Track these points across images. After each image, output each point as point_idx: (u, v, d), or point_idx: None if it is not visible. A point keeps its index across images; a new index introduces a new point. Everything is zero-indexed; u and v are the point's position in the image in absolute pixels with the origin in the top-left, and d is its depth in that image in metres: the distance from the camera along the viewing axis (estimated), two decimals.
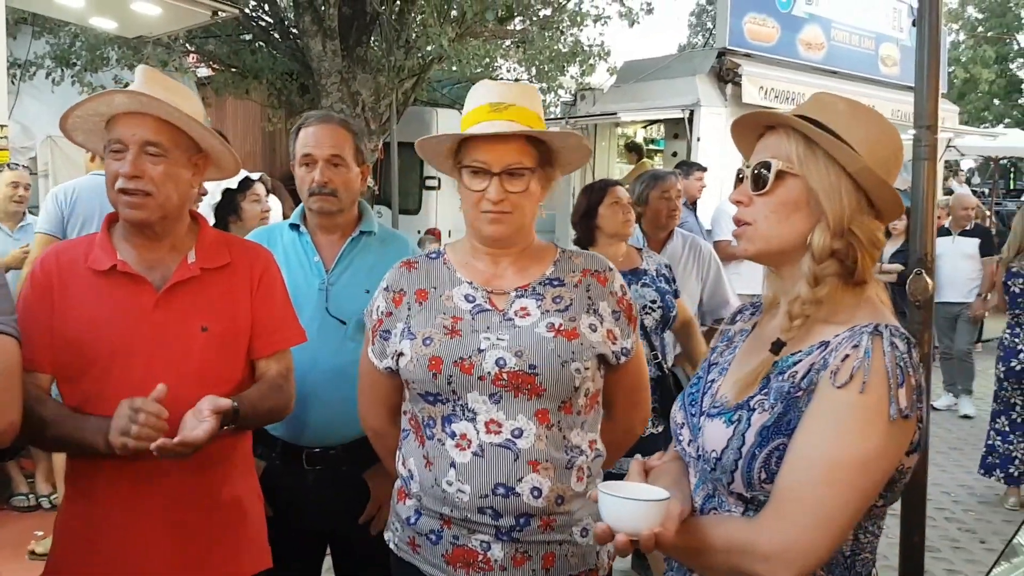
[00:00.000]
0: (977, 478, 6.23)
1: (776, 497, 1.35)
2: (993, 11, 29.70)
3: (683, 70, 10.73)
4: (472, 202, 1.88)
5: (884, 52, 12.61)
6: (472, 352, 1.82)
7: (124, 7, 6.02)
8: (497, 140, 1.85)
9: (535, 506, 1.80)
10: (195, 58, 11.64)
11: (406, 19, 10.26)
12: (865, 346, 1.33)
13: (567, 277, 1.96)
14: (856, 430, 1.31)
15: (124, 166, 1.91)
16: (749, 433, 1.38)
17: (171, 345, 1.95)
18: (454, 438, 1.83)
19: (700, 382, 1.60)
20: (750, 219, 1.47)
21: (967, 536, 5.27)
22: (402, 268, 2.00)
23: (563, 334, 1.85)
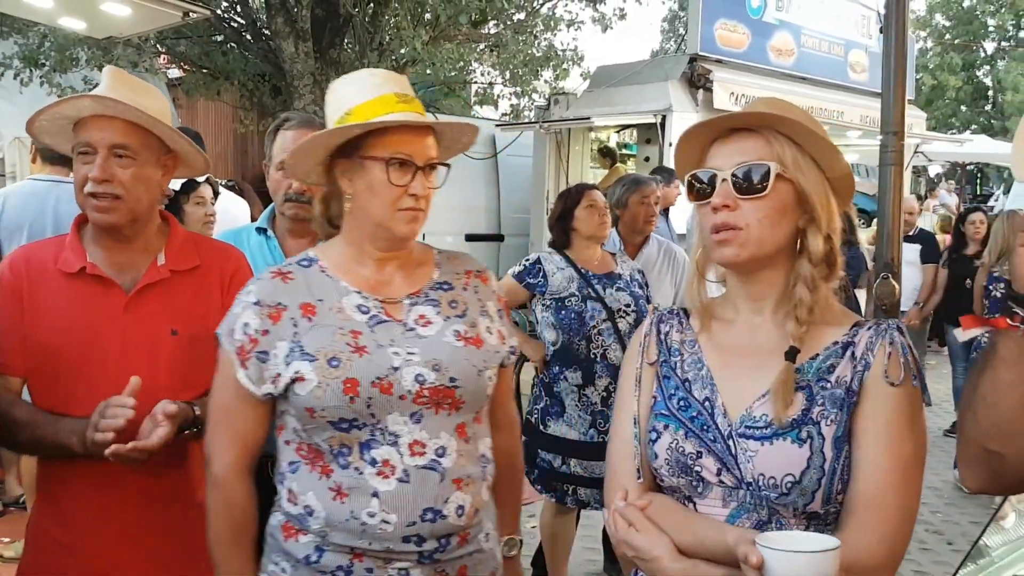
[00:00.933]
0: (945, 480, 6.31)
1: (859, 506, 1.35)
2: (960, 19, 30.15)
3: (655, 75, 10.79)
4: (390, 199, 1.71)
5: (853, 59, 12.76)
6: (388, 370, 1.69)
7: (93, 8, 5.95)
8: (419, 132, 1.75)
9: (459, 525, 1.73)
10: (166, 59, 11.55)
11: (379, 22, 10.24)
12: (900, 343, 1.40)
13: (454, 280, 1.87)
14: (913, 423, 1.38)
15: (93, 170, 1.89)
16: (826, 448, 1.36)
17: (141, 348, 1.94)
18: (375, 465, 1.68)
19: (691, 402, 1.47)
20: (740, 224, 1.41)
21: (934, 538, 5.34)
22: (274, 279, 1.77)
23: (471, 342, 1.79)
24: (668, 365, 1.54)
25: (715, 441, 1.43)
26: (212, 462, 1.75)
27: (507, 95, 12.16)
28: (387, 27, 10.21)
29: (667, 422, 1.48)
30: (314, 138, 1.77)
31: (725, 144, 1.46)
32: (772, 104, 1.48)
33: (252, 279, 1.83)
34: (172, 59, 11.60)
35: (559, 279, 3.80)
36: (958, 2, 30.17)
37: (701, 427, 1.45)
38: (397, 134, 1.72)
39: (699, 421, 1.45)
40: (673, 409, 1.48)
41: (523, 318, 5.50)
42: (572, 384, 3.74)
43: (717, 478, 1.42)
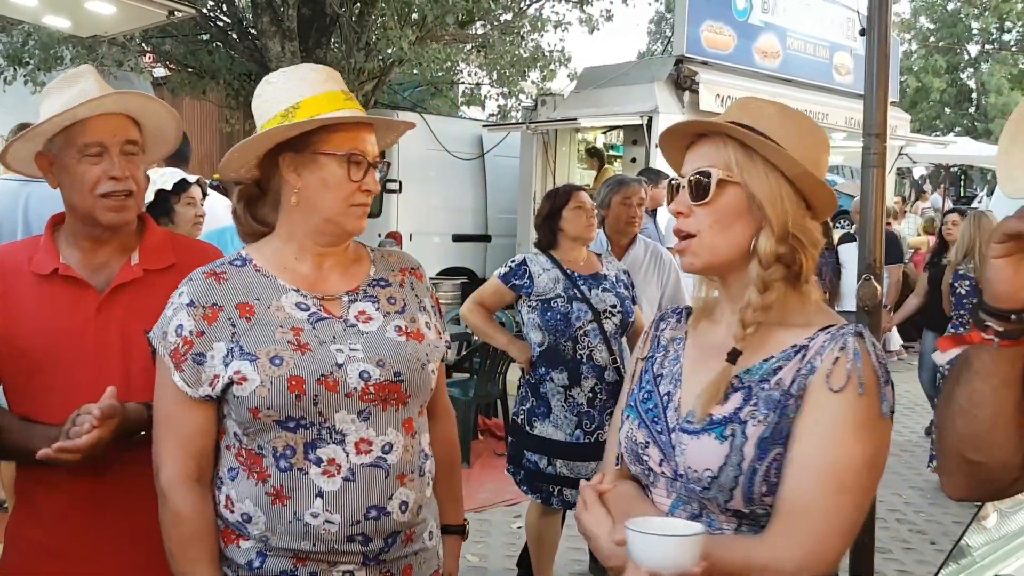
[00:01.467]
0: (928, 480, 6.35)
1: (785, 510, 1.33)
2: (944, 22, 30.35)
3: (642, 77, 10.82)
4: (345, 194, 1.71)
5: (838, 61, 12.83)
6: (332, 367, 1.66)
7: (78, 6, 5.91)
8: (368, 130, 1.76)
9: (402, 521, 1.72)
10: (151, 58, 11.50)
11: (366, 21, 10.23)
12: (853, 347, 1.35)
13: (390, 277, 1.86)
14: (859, 432, 1.33)
15: (113, 168, 1.87)
16: (748, 447, 1.35)
17: (113, 349, 1.91)
18: (320, 465, 1.65)
19: (653, 396, 1.52)
20: (693, 230, 1.44)
21: (918, 537, 5.37)
22: (207, 280, 1.73)
23: (412, 336, 1.78)
24: (651, 360, 1.58)
25: (661, 433, 1.46)
26: (159, 473, 1.70)
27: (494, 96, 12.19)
28: (374, 27, 10.20)
29: (629, 413, 1.54)
30: (272, 131, 1.72)
31: (692, 150, 1.49)
32: (743, 106, 1.48)
33: (184, 280, 1.78)
34: (157, 58, 11.57)
35: (545, 280, 3.81)
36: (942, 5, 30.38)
37: (652, 419, 1.49)
38: (351, 131, 1.72)
39: (652, 413, 1.49)
40: (637, 401, 1.53)
41: (509, 319, 5.49)
42: (558, 385, 3.74)
43: (660, 468, 1.46)
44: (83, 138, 1.89)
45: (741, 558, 1.32)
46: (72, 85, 1.93)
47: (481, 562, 4.67)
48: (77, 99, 1.88)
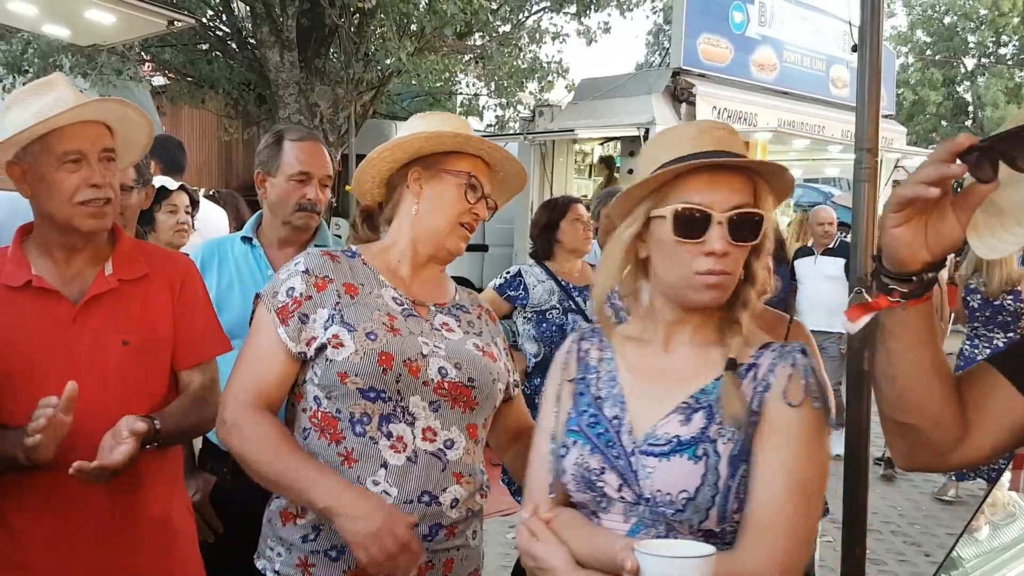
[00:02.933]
0: (923, 492, 6.36)
1: (753, 525, 1.35)
2: (941, 35, 30.45)
3: (639, 89, 10.86)
4: (456, 212, 1.90)
5: (835, 74, 12.89)
6: (417, 355, 1.81)
7: (78, 15, 5.93)
8: (488, 168, 1.97)
9: (450, 516, 1.81)
10: (150, 67, 11.53)
11: (365, 32, 10.27)
12: (802, 364, 1.41)
13: (471, 308, 2.02)
14: (815, 444, 1.38)
15: (93, 176, 1.87)
16: (722, 465, 1.37)
17: (91, 360, 1.90)
18: (390, 439, 1.78)
19: (600, 419, 1.49)
20: (731, 269, 1.41)
21: (912, 549, 5.38)
22: (324, 257, 1.90)
23: (487, 355, 1.92)
24: (584, 382, 1.55)
25: (618, 458, 1.44)
26: (226, 407, 1.79)
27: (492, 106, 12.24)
28: (372, 37, 10.24)
29: (576, 438, 1.50)
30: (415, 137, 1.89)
31: (716, 179, 1.40)
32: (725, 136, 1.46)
33: (302, 253, 1.92)
34: (156, 67, 11.59)
35: (540, 292, 3.82)
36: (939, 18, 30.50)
37: (606, 444, 1.46)
38: (475, 161, 1.94)
39: (605, 438, 1.47)
40: (583, 425, 1.50)
41: (506, 328, 5.51)
42: None
43: (618, 494, 1.43)
44: (61, 146, 1.87)
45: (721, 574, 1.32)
46: (44, 93, 1.91)
47: None
48: (53, 107, 1.87)
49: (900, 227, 1.16)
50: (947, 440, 1.29)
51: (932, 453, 1.32)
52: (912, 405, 1.27)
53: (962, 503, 6.23)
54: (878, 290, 1.21)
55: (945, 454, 1.31)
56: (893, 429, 1.32)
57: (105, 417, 1.79)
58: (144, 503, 1.98)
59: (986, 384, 1.31)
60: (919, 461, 1.37)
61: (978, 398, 1.30)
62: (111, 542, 1.92)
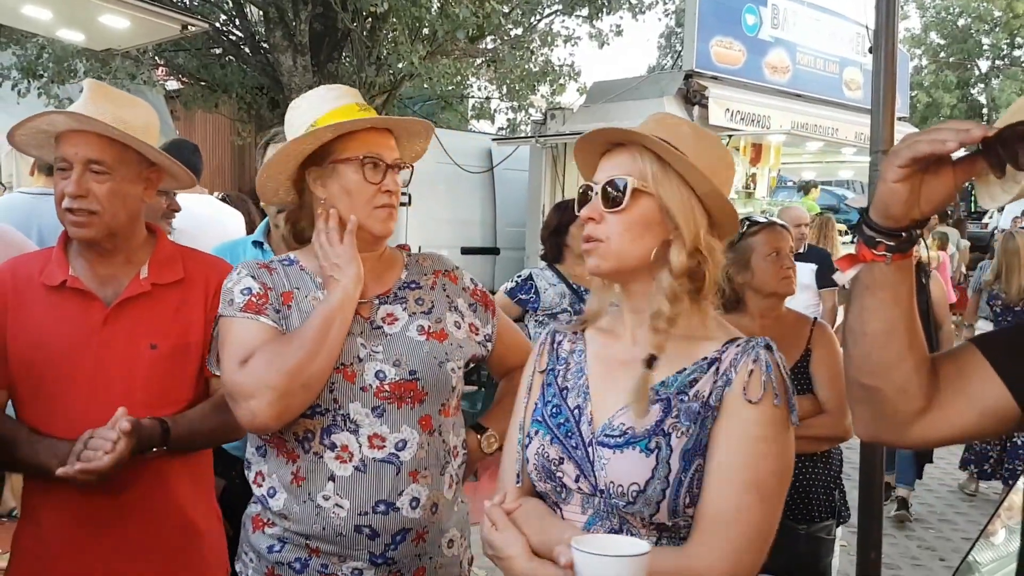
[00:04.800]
0: (938, 496, 6.32)
1: (706, 521, 1.35)
2: (955, 37, 30.34)
3: (651, 91, 10.84)
4: (366, 197, 1.80)
5: (848, 76, 12.84)
6: (352, 359, 1.76)
7: (92, 20, 5.96)
8: (383, 134, 1.85)
9: (412, 518, 1.76)
10: (164, 71, 11.59)
11: (377, 36, 10.30)
12: (765, 360, 1.39)
13: (421, 279, 1.93)
14: (775, 442, 1.37)
15: (69, 185, 1.88)
16: (673, 459, 1.36)
17: (118, 363, 1.91)
18: (334, 450, 1.74)
19: (562, 410, 1.51)
20: (602, 236, 1.45)
21: (927, 554, 5.34)
22: (260, 268, 1.85)
23: (433, 336, 1.84)
24: (553, 373, 1.57)
25: (576, 448, 1.45)
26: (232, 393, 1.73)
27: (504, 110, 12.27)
28: (385, 42, 10.27)
29: (538, 428, 1.52)
30: (285, 147, 1.82)
31: (607, 158, 1.50)
32: (660, 121, 1.50)
33: (239, 264, 1.88)
34: (170, 71, 11.65)
35: (551, 295, 3.82)
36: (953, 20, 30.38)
37: (566, 434, 1.47)
38: (365, 136, 1.82)
39: (565, 428, 1.48)
40: (546, 416, 1.52)
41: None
42: None
43: (576, 484, 1.44)
44: (57, 151, 1.92)
45: (669, 569, 1.32)
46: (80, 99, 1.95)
47: (488, 575, 4.67)
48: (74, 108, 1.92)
49: (901, 182, 1.15)
50: (910, 411, 1.27)
51: (894, 423, 1.29)
52: (879, 366, 1.24)
53: (976, 507, 6.19)
54: (863, 243, 1.21)
55: (907, 424, 1.28)
56: (857, 393, 1.30)
57: None
58: (169, 506, 1.99)
59: (966, 364, 1.28)
60: (880, 431, 1.34)
61: (954, 377, 1.28)
62: (136, 543, 1.94)
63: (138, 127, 1.95)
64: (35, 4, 5.91)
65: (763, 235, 2.84)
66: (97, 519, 1.91)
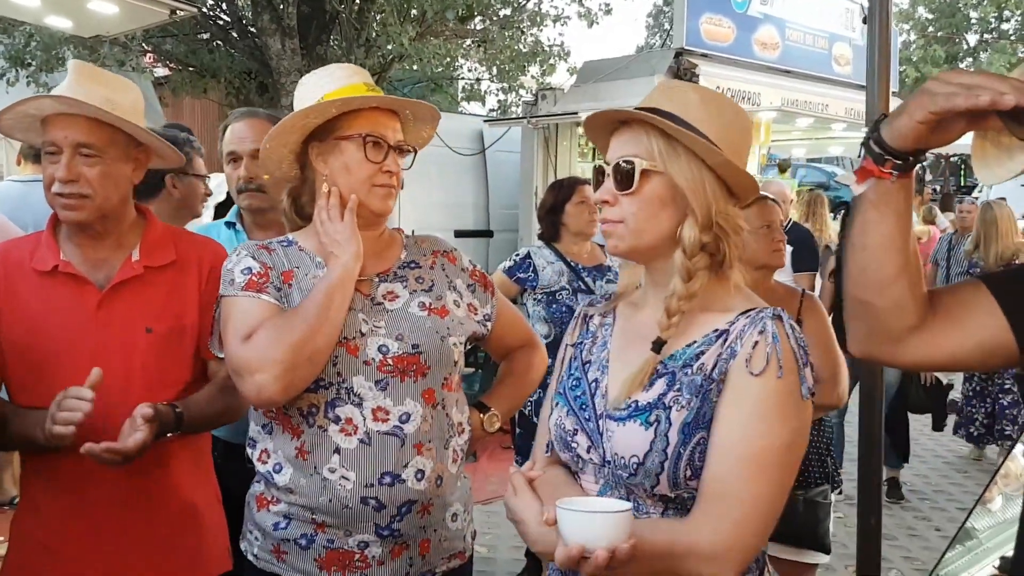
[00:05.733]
0: (933, 468, 6.42)
1: (707, 494, 1.35)
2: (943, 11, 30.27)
3: (642, 70, 10.81)
4: (366, 175, 1.82)
5: (837, 51, 12.81)
6: (355, 333, 1.79)
7: (80, 6, 5.90)
8: (388, 115, 1.86)
9: (417, 489, 1.78)
10: (152, 58, 11.50)
11: (366, 18, 10.24)
12: (771, 331, 1.37)
13: (421, 259, 1.96)
14: (779, 415, 1.35)
15: (59, 170, 1.86)
16: (672, 432, 1.37)
17: (114, 347, 1.91)
18: (339, 423, 1.77)
19: (581, 383, 1.53)
20: (618, 218, 1.45)
21: (923, 524, 5.40)
22: (259, 249, 1.87)
23: (435, 312, 1.88)
24: (580, 347, 1.59)
25: (588, 420, 1.48)
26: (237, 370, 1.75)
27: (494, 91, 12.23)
28: (373, 23, 10.21)
29: (558, 400, 1.56)
30: (291, 117, 1.83)
31: (616, 137, 1.49)
32: (666, 91, 1.49)
33: (238, 246, 1.90)
34: (158, 57, 11.56)
35: (549, 273, 3.83)
36: None
37: (581, 406, 1.51)
38: (370, 115, 1.84)
39: (580, 400, 1.51)
40: (566, 388, 1.55)
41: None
42: None
43: (588, 455, 1.48)
44: (45, 135, 1.90)
45: (666, 541, 1.33)
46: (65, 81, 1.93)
47: (490, 553, 4.71)
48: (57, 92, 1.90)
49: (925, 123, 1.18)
50: (903, 327, 1.30)
51: (887, 338, 1.32)
52: (876, 280, 1.28)
53: (970, 478, 6.26)
54: (872, 160, 1.24)
55: (900, 341, 1.31)
56: (854, 308, 1.32)
57: (127, 404, 1.81)
58: (169, 490, 2.00)
59: (971, 296, 1.31)
60: (873, 347, 1.36)
61: (955, 306, 1.31)
62: (136, 528, 1.95)
63: (126, 107, 1.94)
64: None
65: (754, 208, 2.86)
66: (98, 503, 1.91)
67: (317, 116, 1.83)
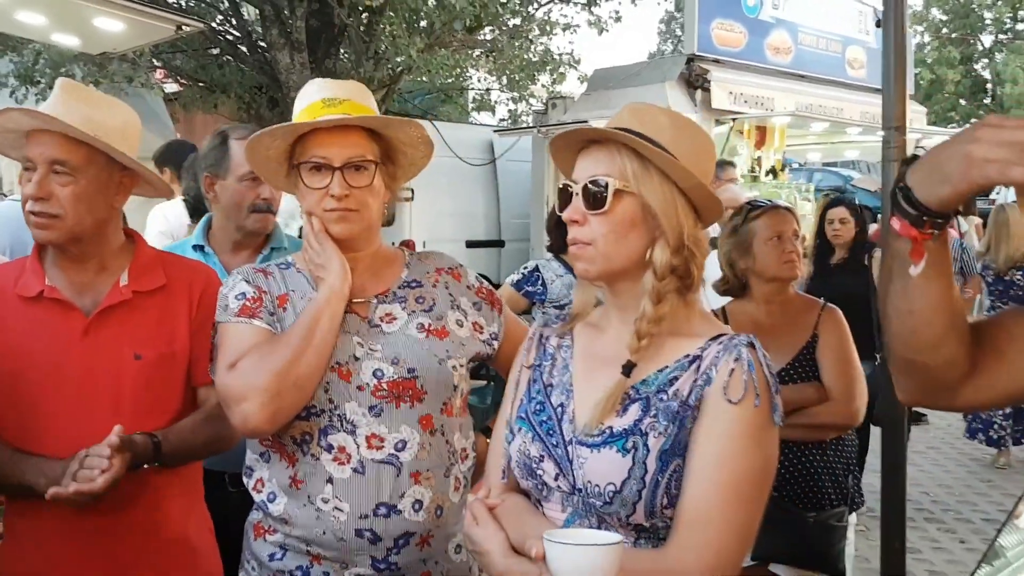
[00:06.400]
0: (957, 477, 6.28)
1: (685, 522, 1.32)
2: (957, 12, 30.12)
3: (653, 77, 10.78)
4: (314, 201, 1.75)
5: (851, 55, 12.74)
6: (348, 358, 1.73)
7: (86, 23, 5.91)
8: (336, 133, 1.76)
9: (415, 521, 1.72)
10: (162, 74, 11.54)
11: (374, 31, 10.24)
12: (747, 358, 1.35)
13: (424, 278, 1.89)
14: (755, 441, 1.34)
15: (30, 187, 1.81)
16: (650, 460, 1.34)
17: (101, 374, 1.85)
18: (331, 451, 1.71)
19: (546, 407, 1.48)
20: (587, 239, 1.41)
21: (947, 536, 5.28)
22: (256, 273, 1.83)
23: (434, 333, 1.80)
24: (539, 369, 1.54)
25: (556, 446, 1.43)
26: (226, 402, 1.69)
27: (504, 101, 12.18)
28: (382, 35, 10.20)
29: (521, 425, 1.50)
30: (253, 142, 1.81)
31: (584, 156, 1.45)
32: (635, 112, 1.45)
33: (235, 270, 1.86)
34: (168, 73, 11.60)
35: (559, 286, 3.76)
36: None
37: (547, 432, 1.45)
38: (315, 137, 1.75)
39: (547, 426, 1.46)
40: (529, 412, 1.50)
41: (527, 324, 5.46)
42: None
43: (555, 483, 1.43)
44: (23, 151, 1.85)
45: (646, 570, 1.30)
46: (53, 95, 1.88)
47: None
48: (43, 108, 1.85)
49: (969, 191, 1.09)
50: (955, 378, 1.24)
51: (941, 390, 1.27)
52: (927, 343, 1.21)
53: (995, 487, 6.14)
54: (909, 224, 1.15)
55: (954, 391, 1.26)
56: (902, 367, 1.27)
57: None
58: (159, 522, 1.93)
59: (1017, 327, 1.26)
60: (926, 399, 1.33)
61: (1005, 340, 1.25)
62: (126, 560, 1.88)
63: (114, 128, 1.87)
64: (29, 9, 5.87)
65: (764, 219, 2.78)
66: (85, 538, 1.84)
67: (266, 148, 1.80)
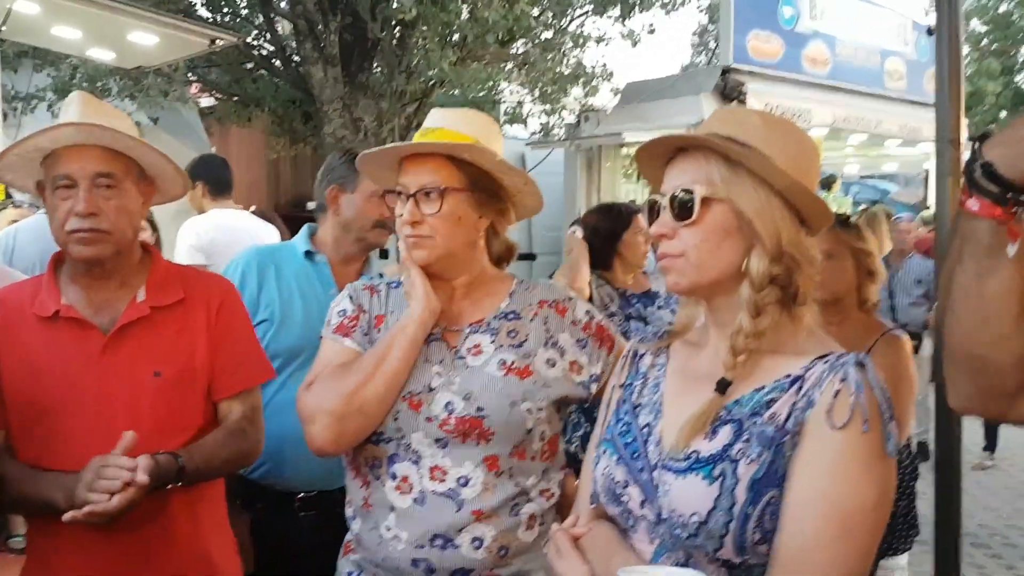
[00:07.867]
0: (1002, 500, 6.12)
1: (784, 560, 1.20)
2: (997, 24, 29.67)
3: (687, 89, 10.68)
4: (398, 226, 1.80)
5: (890, 67, 12.54)
6: (423, 389, 1.72)
7: (121, 38, 5.98)
8: (416, 161, 1.77)
9: (473, 558, 1.67)
10: (197, 88, 11.63)
11: (407, 44, 10.23)
12: (855, 379, 1.22)
13: (523, 310, 1.83)
14: (864, 473, 1.20)
15: (78, 204, 1.77)
16: (739, 489, 1.22)
17: (120, 393, 1.81)
18: (395, 479, 1.71)
19: (632, 428, 1.39)
20: (678, 252, 1.33)
21: (993, 562, 5.15)
22: (364, 289, 1.87)
23: (515, 372, 1.74)
24: (630, 388, 1.46)
25: (641, 471, 1.34)
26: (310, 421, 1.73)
27: (536, 113, 12.06)
28: (415, 49, 10.19)
29: (607, 447, 1.41)
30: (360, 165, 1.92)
31: (672, 166, 1.38)
32: (723, 117, 1.39)
33: (348, 285, 1.90)
34: (203, 88, 11.69)
35: (597, 298, 3.67)
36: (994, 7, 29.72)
37: (632, 455, 1.36)
38: (408, 164, 1.78)
39: (632, 448, 1.37)
40: (615, 434, 1.41)
41: None
42: None
43: (641, 510, 1.33)
44: (55, 169, 1.81)
45: None
46: (64, 112, 1.85)
47: None
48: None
49: None
50: (1015, 381, 1.14)
51: (1000, 396, 1.17)
52: (996, 333, 1.11)
53: None
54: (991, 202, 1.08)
55: (1013, 398, 1.16)
56: (965, 364, 1.17)
57: (134, 453, 1.69)
58: (182, 540, 1.88)
59: None
60: (981, 405, 1.22)
61: None
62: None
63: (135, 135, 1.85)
64: (64, 23, 5.94)
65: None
66: (108, 558, 1.80)
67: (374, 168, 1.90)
